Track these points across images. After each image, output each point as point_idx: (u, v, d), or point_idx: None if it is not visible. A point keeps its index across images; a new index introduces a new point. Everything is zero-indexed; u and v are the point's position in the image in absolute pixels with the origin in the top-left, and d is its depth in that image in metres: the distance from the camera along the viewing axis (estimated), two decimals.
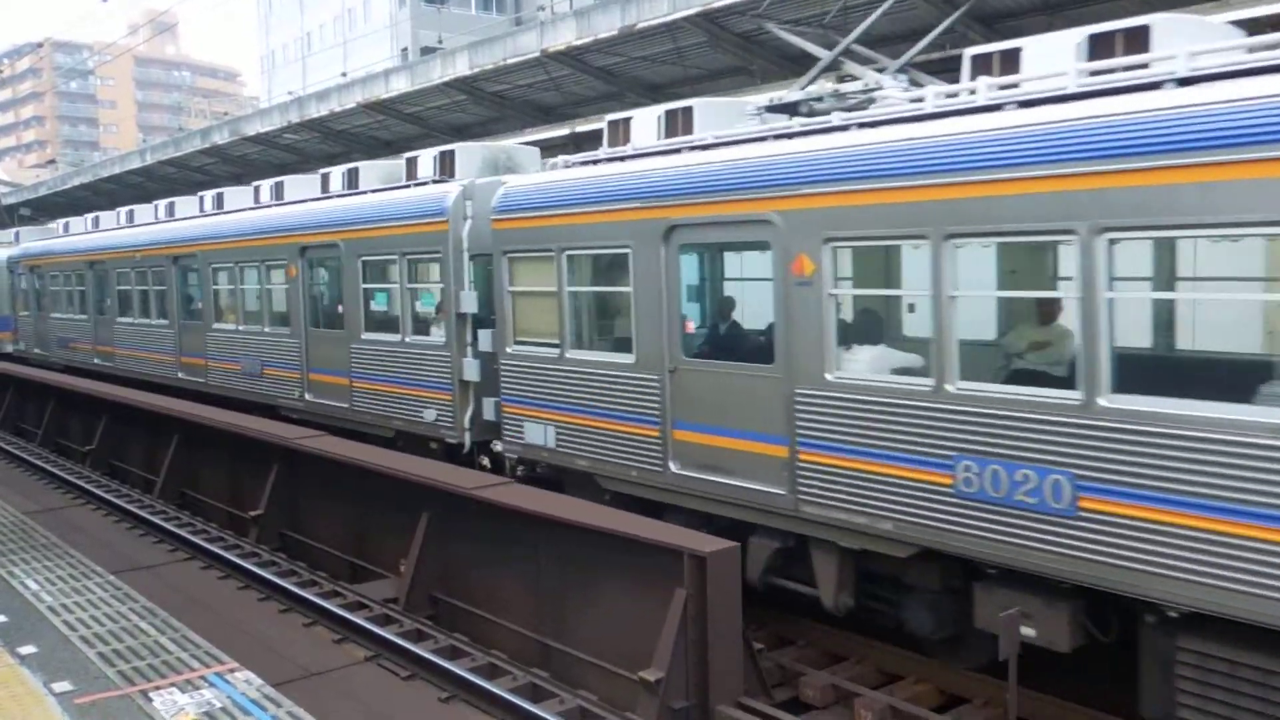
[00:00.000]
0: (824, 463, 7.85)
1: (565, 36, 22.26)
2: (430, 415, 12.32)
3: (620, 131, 11.13)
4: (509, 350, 10.99)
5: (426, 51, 43.41)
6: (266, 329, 15.89)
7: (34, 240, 30.16)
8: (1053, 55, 7.45)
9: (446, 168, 13.36)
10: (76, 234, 26.00)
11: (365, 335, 13.56)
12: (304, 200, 15.82)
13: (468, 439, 11.96)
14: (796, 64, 20.08)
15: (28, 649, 6.67)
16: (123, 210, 23.89)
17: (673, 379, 9.12)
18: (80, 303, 23.65)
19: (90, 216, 25.73)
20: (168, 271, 18.98)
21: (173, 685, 6.05)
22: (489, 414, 11.57)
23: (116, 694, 5.94)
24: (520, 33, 24.53)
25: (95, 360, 22.47)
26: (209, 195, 19.79)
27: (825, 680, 8.27)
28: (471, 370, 11.87)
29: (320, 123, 31.24)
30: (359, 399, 13.70)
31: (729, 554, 6.93)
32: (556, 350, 10.32)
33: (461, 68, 25.20)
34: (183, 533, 11.54)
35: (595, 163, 10.60)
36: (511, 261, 10.94)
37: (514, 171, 12.94)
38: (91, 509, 13.35)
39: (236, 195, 19.17)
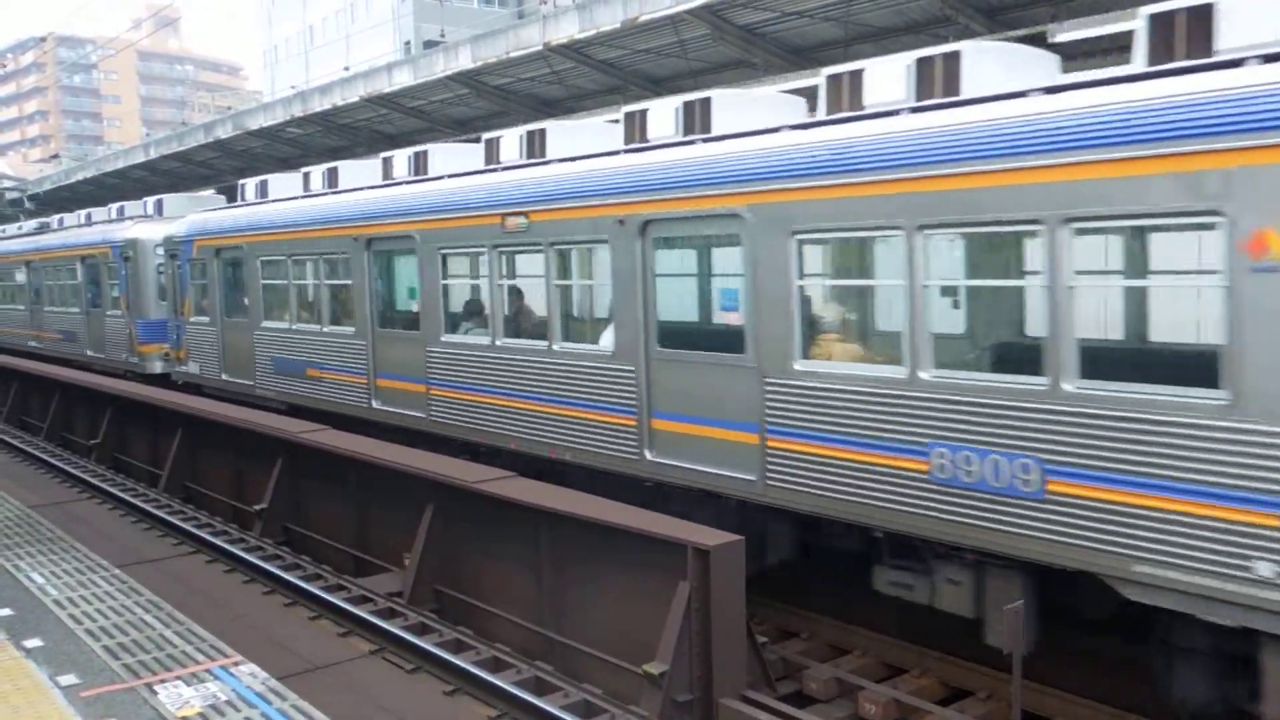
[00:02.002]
0: None
1: (568, 30, 22.22)
2: None
3: None
4: None
5: (429, 45, 43.37)
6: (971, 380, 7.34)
7: (193, 210, 20.15)
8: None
9: None
10: (289, 196, 16.29)
11: None
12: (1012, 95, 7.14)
13: None
14: (799, 56, 20.06)
15: (33, 642, 6.69)
16: (400, 155, 14.34)
17: None
18: (334, 307, 14.64)
19: (320, 169, 16.24)
20: (633, 249, 9.64)
21: (178, 678, 6.07)
22: None
23: (122, 687, 5.96)
24: (523, 26, 24.46)
25: (375, 404, 13.56)
26: (660, 109, 10.25)
27: (829, 673, 8.28)
28: None
29: (323, 116, 31.20)
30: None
31: (733, 547, 6.93)
32: None
33: (464, 61, 25.15)
34: (187, 526, 11.56)
35: None
36: None
37: None
38: (96, 503, 13.38)
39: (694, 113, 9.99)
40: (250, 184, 18.07)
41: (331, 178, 15.69)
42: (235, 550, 10.55)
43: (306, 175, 16.38)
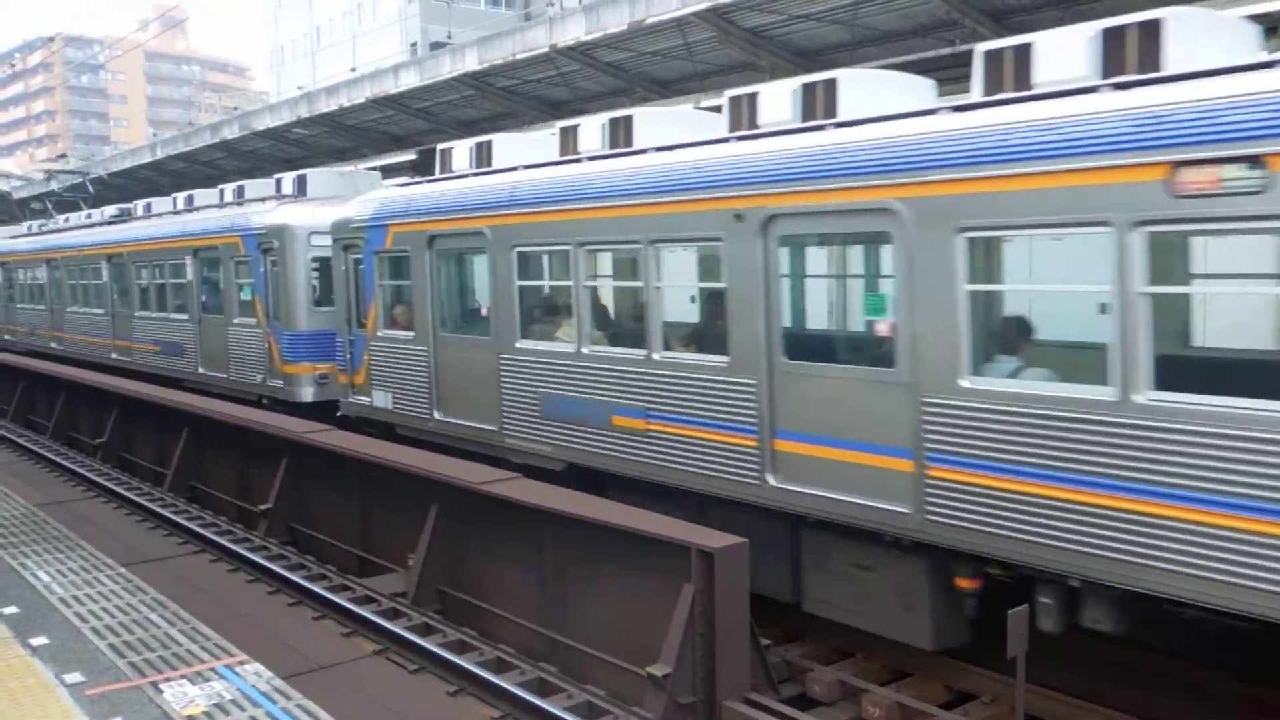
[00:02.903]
0: None
1: (574, 32, 22.26)
2: None
3: None
4: None
5: (435, 46, 43.47)
6: None
7: (350, 188, 16.53)
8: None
9: None
10: (551, 161, 11.14)
11: None
12: None
13: None
14: (806, 59, 20.07)
15: (39, 640, 6.71)
16: (774, 90, 9.13)
17: None
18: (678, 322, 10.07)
19: (598, 122, 10.95)
20: None
21: (183, 677, 6.08)
22: None
23: (127, 685, 5.98)
24: (529, 28, 24.52)
25: (773, 480, 8.50)
26: None
27: (832, 676, 8.27)
28: None
29: (329, 117, 31.28)
30: None
31: (737, 549, 6.94)
32: None
33: (471, 63, 25.20)
34: (193, 526, 11.60)
35: None
36: None
37: None
38: (102, 502, 13.41)
39: None
40: (459, 149, 12.76)
41: (619, 133, 10.52)
42: (240, 550, 10.58)
43: (569, 131, 11.14)
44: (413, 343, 12.45)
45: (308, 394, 15.47)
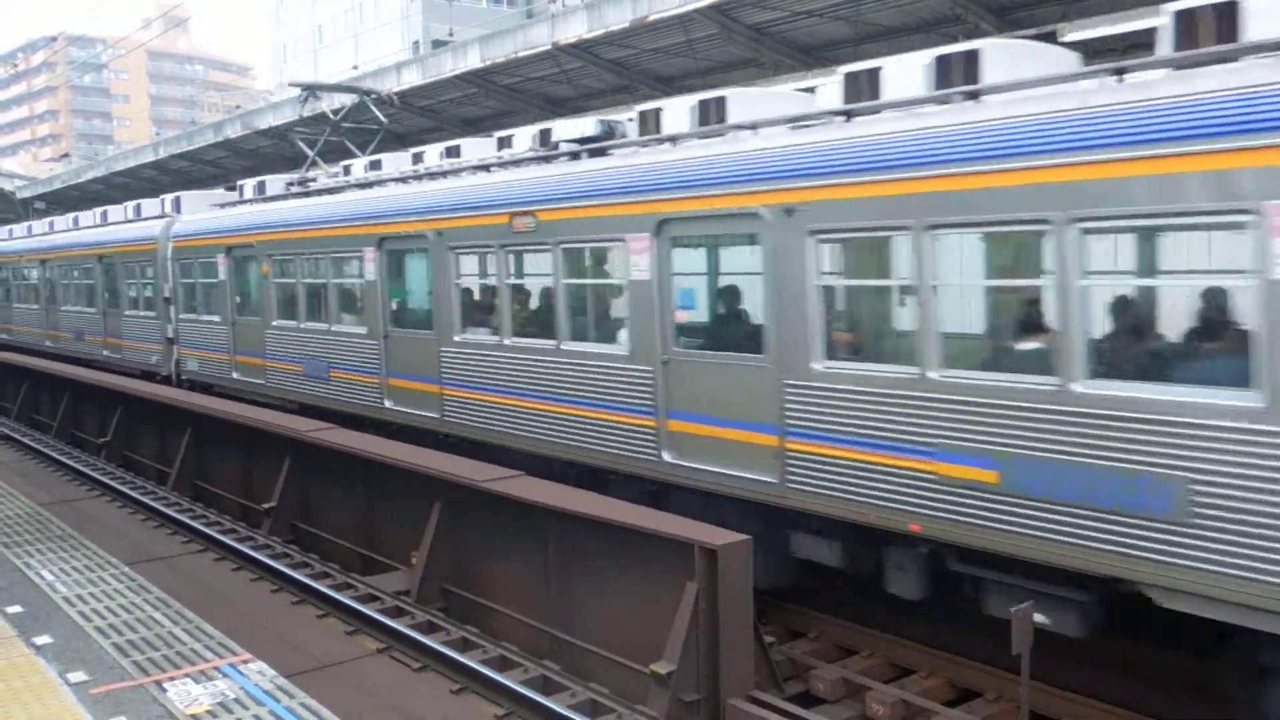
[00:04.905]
0: None
1: (576, 29, 22.24)
2: None
3: None
4: None
5: (438, 44, 43.46)
6: None
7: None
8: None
9: None
10: None
11: None
12: None
13: None
14: (808, 55, 20.04)
15: (43, 639, 6.72)
16: None
17: None
18: None
19: None
20: None
21: (187, 676, 6.09)
22: None
23: (131, 684, 5.98)
24: (531, 25, 24.50)
25: None
26: None
27: (836, 674, 8.27)
28: None
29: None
30: None
31: (740, 547, 6.93)
32: None
33: (473, 60, 25.19)
34: (196, 524, 11.59)
35: None
36: None
37: None
38: (106, 501, 13.42)
39: None
40: None
41: None
42: (244, 548, 10.57)
43: None
44: None
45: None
